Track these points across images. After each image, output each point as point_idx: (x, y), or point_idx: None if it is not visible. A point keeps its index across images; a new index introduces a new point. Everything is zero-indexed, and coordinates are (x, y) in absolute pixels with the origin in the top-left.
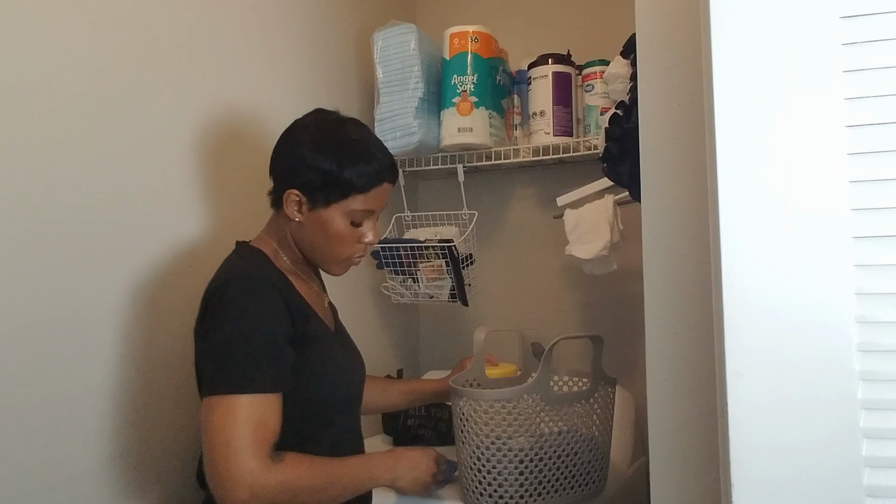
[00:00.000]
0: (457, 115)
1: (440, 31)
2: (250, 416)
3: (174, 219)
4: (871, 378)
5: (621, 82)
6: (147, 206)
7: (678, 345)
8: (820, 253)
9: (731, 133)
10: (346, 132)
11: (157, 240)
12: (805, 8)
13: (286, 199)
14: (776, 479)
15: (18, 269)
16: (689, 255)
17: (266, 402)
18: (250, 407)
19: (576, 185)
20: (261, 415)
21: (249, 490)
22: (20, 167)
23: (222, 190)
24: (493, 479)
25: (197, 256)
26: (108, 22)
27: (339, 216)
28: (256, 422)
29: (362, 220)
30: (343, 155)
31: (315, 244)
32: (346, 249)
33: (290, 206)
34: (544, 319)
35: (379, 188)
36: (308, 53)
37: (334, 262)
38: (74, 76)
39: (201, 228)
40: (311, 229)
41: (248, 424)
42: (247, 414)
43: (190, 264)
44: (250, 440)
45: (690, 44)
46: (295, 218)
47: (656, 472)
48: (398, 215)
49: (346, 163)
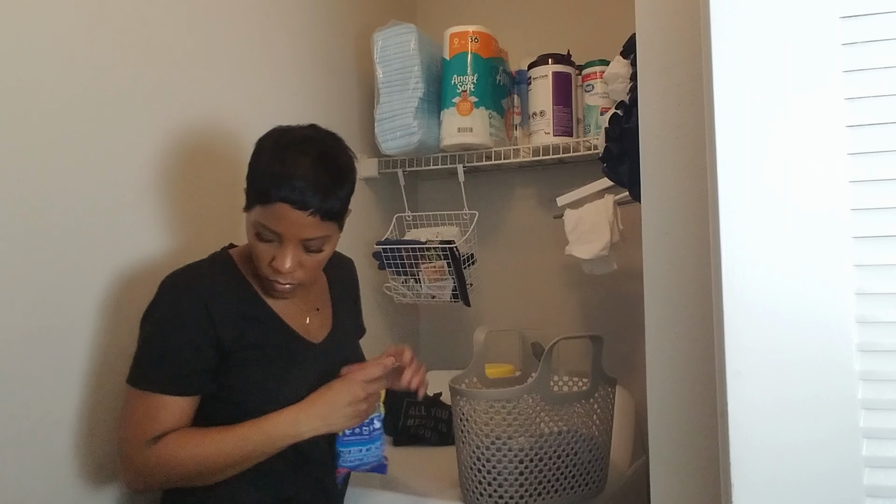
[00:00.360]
0: (457, 115)
1: (440, 31)
2: (139, 410)
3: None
4: (871, 378)
5: (621, 82)
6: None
7: (678, 345)
8: (820, 253)
9: (731, 133)
10: (290, 141)
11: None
12: (805, 8)
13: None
14: (776, 478)
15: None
16: (689, 255)
17: (158, 402)
18: (142, 402)
19: (576, 185)
20: (151, 412)
21: (132, 472)
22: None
23: (230, 190)
24: (493, 479)
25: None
26: (98, 23)
27: (250, 224)
28: (144, 416)
29: (269, 240)
30: (272, 160)
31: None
32: (261, 265)
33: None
34: (544, 319)
35: (281, 208)
36: (308, 53)
37: (263, 277)
38: (70, 77)
39: (198, 231)
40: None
41: (135, 416)
42: (136, 408)
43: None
44: (133, 431)
45: (690, 44)
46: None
47: (656, 472)
48: (399, 215)
49: (266, 168)
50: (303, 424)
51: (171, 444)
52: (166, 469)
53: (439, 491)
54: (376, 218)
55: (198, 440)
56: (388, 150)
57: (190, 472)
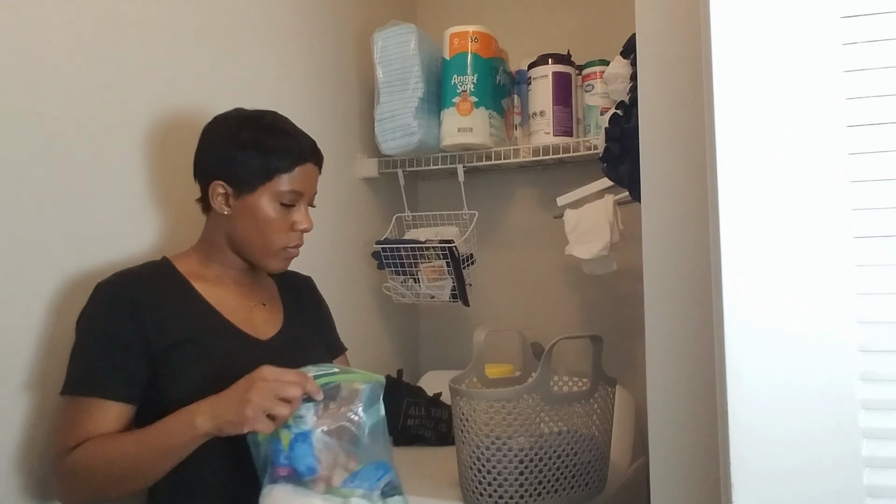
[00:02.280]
0: (457, 115)
1: (440, 31)
2: (65, 417)
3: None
4: (871, 378)
5: (621, 82)
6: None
7: (678, 345)
8: (820, 253)
9: (731, 133)
10: (265, 118)
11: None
12: (805, 8)
13: (212, 193)
14: (776, 479)
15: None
16: (689, 255)
17: (83, 407)
18: (68, 410)
19: (576, 185)
20: (77, 418)
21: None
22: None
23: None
24: (493, 480)
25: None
26: (97, 23)
27: (268, 200)
28: (68, 423)
29: (292, 204)
30: (264, 136)
31: (247, 236)
32: (279, 237)
33: (216, 199)
34: (544, 319)
35: (303, 168)
36: (308, 53)
37: (269, 254)
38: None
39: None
40: (241, 220)
41: (61, 424)
42: (63, 415)
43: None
44: (57, 439)
45: (690, 44)
46: (223, 211)
47: (656, 472)
48: (398, 215)
49: (269, 143)
50: (197, 416)
51: (83, 450)
52: (81, 477)
53: (439, 491)
54: (376, 218)
55: (105, 443)
56: (388, 150)
57: (100, 480)
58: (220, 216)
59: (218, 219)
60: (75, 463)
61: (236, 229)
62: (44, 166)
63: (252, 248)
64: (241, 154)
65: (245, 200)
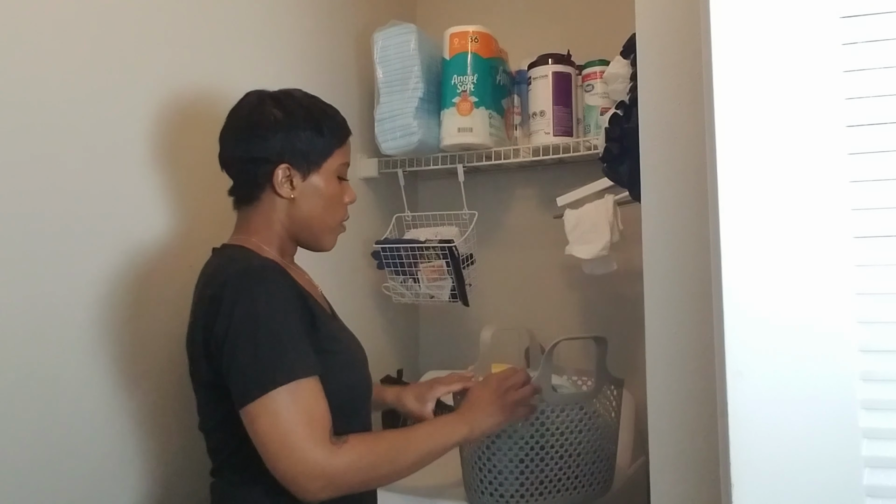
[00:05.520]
0: (457, 115)
1: (440, 31)
2: (293, 407)
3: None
4: (871, 378)
5: (621, 82)
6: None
7: (678, 345)
8: (820, 253)
9: (731, 133)
10: (304, 96)
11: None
12: (805, 8)
13: (276, 180)
14: (776, 478)
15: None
16: (689, 255)
17: (304, 388)
18: (290, 398)
19: (576, 185)
20: (304, 402)
21: (323, 479)
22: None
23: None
24: (495, 478)
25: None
26: (98, 23)
27: (330, 176)
28: (301, 410)
29: (344, 177)
30: (315, 114)
31: (312, 217)
32: (338, 212)
33: (283, 184)
34: (544, 320)
35: (348, 140)
36: (308, 53)
37: (329, 232)
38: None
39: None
40: (306, 201)
41: (295, 416)
42: (289, 406)
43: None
44: (305, 431)
45: (690, 44)
46: (290, 196)
47: (656, 472)
48: (398, 215)
49: (322, 120)
50: (463, 424)
51: (358, 443)
52: (359, 470)
53: (443, 490)
54: (376, 217)
55: (380, 440)
56: (388, 150)
57: (380, 472)
58: (278, 201)
59: (274, 204)
60: (355, 457)
61: (300, 211)
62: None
63: (314, 228)
64: (302, 134)
65: (311, 180)
